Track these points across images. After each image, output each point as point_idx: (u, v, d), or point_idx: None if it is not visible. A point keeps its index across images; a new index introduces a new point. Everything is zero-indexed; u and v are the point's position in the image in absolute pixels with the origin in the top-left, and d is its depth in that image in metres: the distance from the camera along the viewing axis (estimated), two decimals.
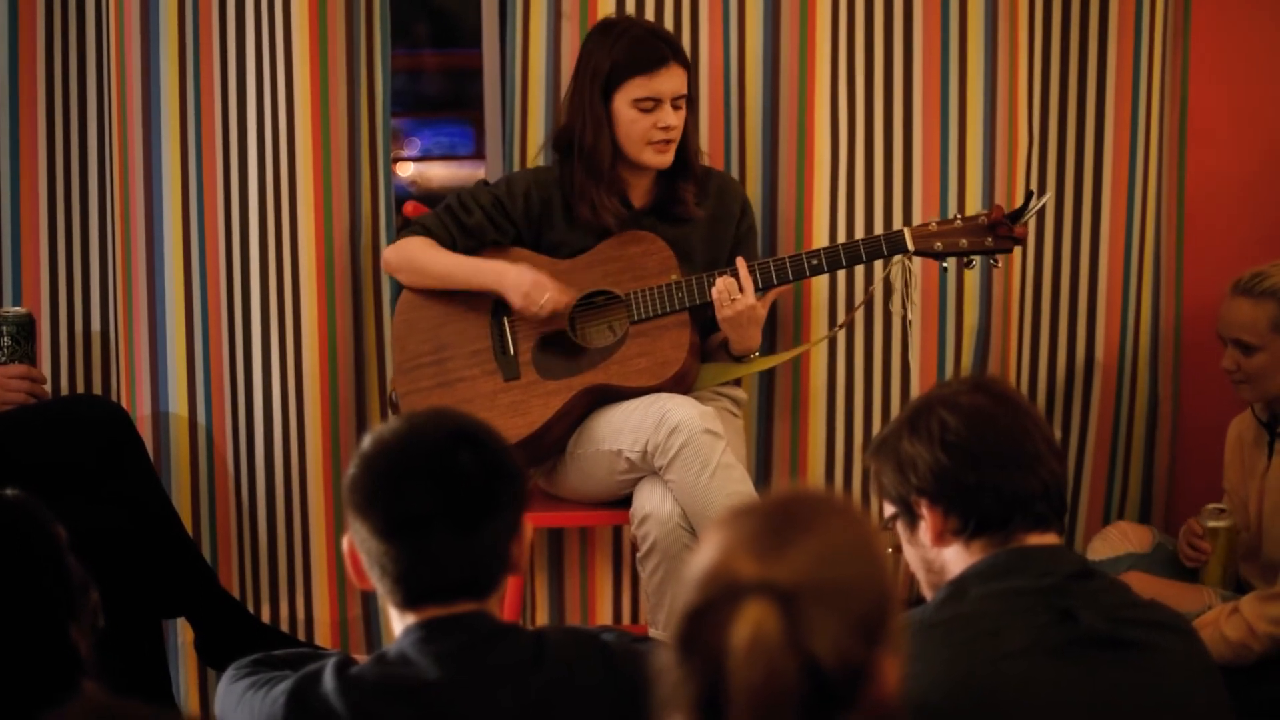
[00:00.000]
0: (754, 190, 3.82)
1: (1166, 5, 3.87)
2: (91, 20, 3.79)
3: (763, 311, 3.44)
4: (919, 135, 3.81)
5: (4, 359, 3.45)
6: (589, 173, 3.51)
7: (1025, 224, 3.46)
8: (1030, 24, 3.84)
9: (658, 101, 3.47)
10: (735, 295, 3.39)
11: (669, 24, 3.78)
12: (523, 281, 3.47)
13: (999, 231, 3.44)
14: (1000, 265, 3.54)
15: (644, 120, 3.48)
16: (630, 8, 3.77)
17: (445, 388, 3.53)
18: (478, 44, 4.07)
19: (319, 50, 3.72)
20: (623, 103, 3.49)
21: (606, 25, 3.58)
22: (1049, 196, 3.79)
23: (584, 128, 3.51)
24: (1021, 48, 3.83)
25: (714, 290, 3.40)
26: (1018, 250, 3.87)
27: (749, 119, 3.81)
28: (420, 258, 3.56)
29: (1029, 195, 3.49)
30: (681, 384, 3.47)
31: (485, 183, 3.64)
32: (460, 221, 3.56)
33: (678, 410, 3.32)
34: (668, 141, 3.49)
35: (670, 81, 3.48)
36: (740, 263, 3.41)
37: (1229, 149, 4.02)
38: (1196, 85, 3.97)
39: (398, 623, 1.99)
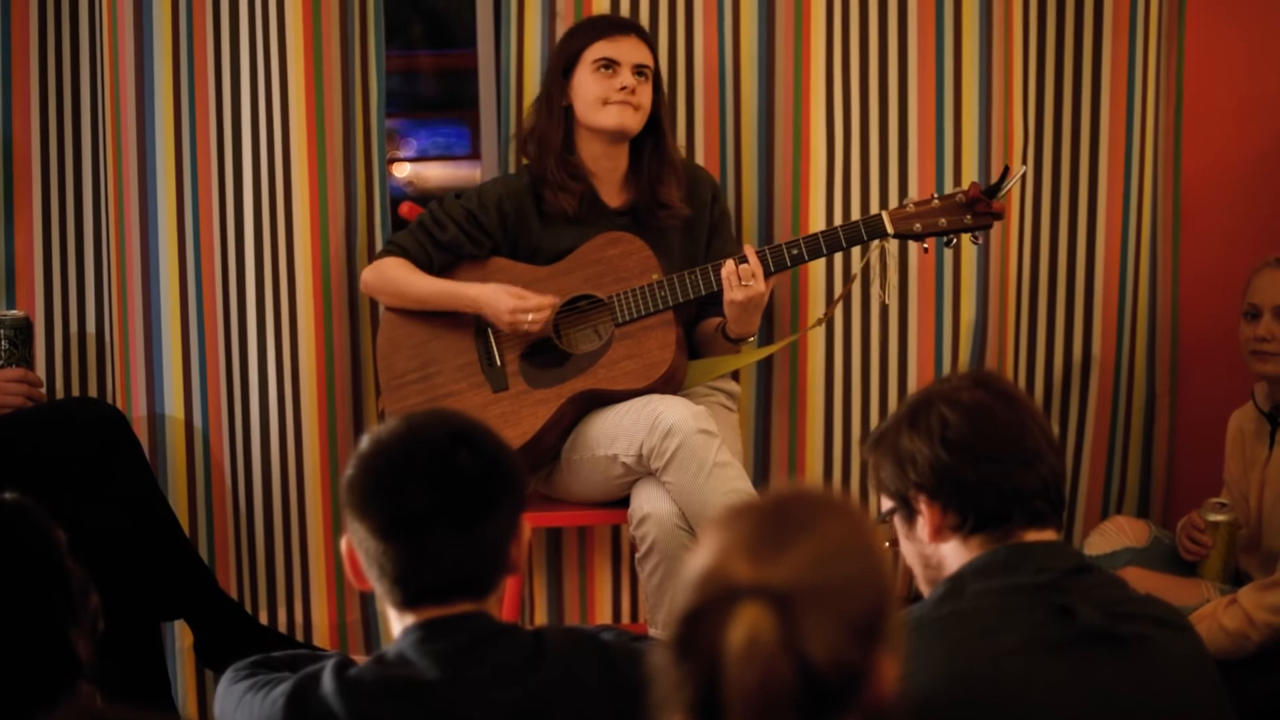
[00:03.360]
0: (749, 184, 3.82)
1: (1161, 1, 3.87)
2: (85, 21, 3.79)
3: (767, 297, 3.44)
4: (914, 129, 3.81)
5: (1, 362, 3.45)
6: (543, 153, 3.53)
7: (1003, 199, 3.44)
8: (1025, 17, 3.85)
9: (617, 64, 3.49)
10: (748, 281, 3.38)
11: (664, 19, 3.78)
12: (500, 302, 3.46)
13: (977, 209, 3.42)
14: (981, 242, 3.53)
15: (604, 81, 3.49)
16: (624, 6, 3.77)
17: (434, 404, 3.52)
18: (472, 44, 4.07)
19: (313, 51, 3.72)
20: (583, 71, 3.52)
21: (573, 26, 3.64)
22: (1025, 169, 3.79)
23: (541, 114, 3.55)
24: (1016, 41, 3.83)
25: (723, 272, 3.39)
26: (1014, 244, 3.88)
27: (744, 113, 3.81)
28: (398, 281, 3.56)
29: (1004, 171, 3.48)
30: (670, 383, 3.47)
31: (456, 195, 3.63)
32: (435, 238, 3.56)
33: (670, 412, 3.32)
34: (628, 103, 3.50)
35: (630, 49, 3.51)
36: (749, 249, 3.41)
37: (1225, 142, 4.02)
38: (1192, 78, 3.97)
39: (396, 623, 1.99)
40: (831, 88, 3.79)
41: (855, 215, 3.80)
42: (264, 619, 3.82)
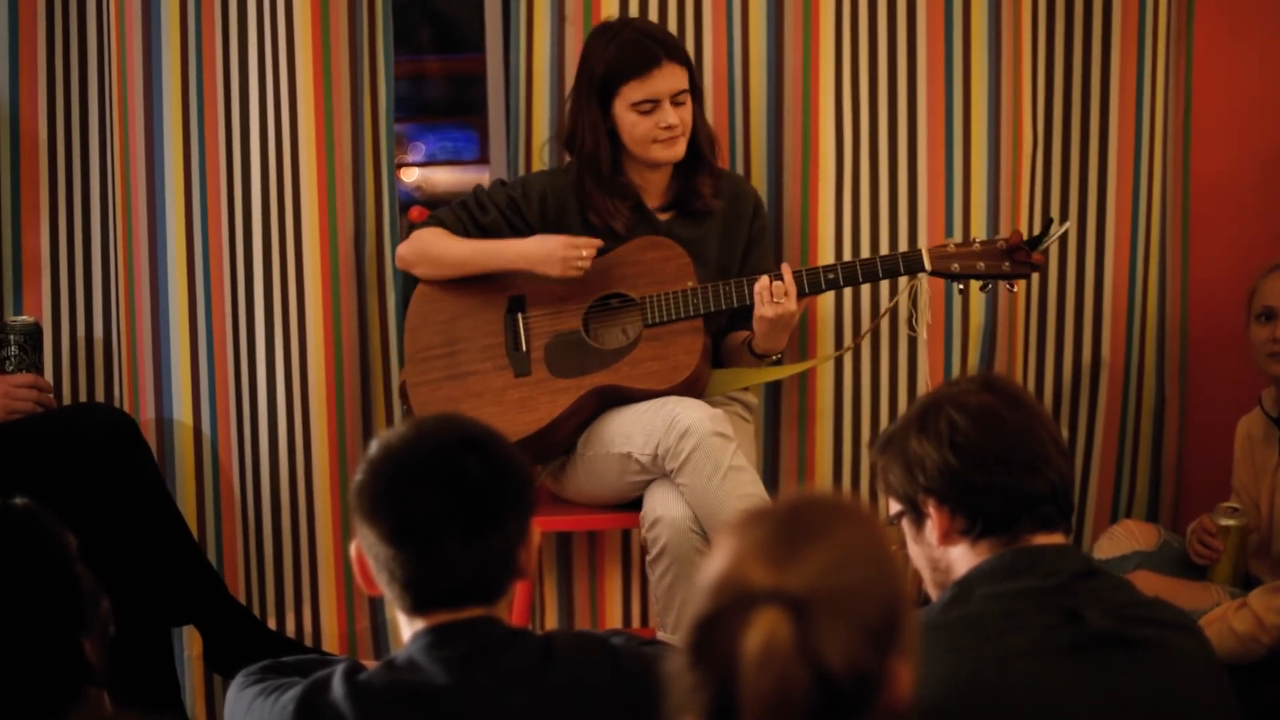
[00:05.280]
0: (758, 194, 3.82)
1: (1170, 5, 3.87)
2: (93, 22, 3.79)
3: (798, 317, 3.45)
4: (923, 138, 3.80)
5: (11, 368, 3.45)
6: (592, 177, 3.53)
7: (1044, 251, 3.45)
8: (1034, 24, 3.85)
9: (656, 102, 3.48)
10: (780, 298, 3.38)
11: (672, 29, 3.78)
12: (551, 250, 3.46)
13: (1016, 257, 3.42)
14: (1016, 291, 3.54)
15: (646, 122, 3.48)
16: (634, 10, 3.77)
17: (455, 380, 3.53)
18: (481, 49, 4.08)
19: (322, 56, 3.72)
20: (623, 108, 3.50)
21: (602, 29, 3.59)
22: (1070, 224, 3.79)
23: (583, 134, 3.53)
24: (1025, 48, 3.83)
25: (757, 286, 3.40)
26: None
27: (753, 124, 3.81)
28: (437, 247, 3.56)
29: (1048, 222, 3.48)
30: (692, 389, 3.47)
31: (501, 182, 3.65)
32: (475, 219, 3.57)
33: (688, 413, 3.32)
34: (672, 139, 3.50)
35: (666, 81, 3.48)
36: (786, 267, 3.42)
37: (1233, 148, 4.02)
38: (1200, 85, 3.97)
39: (406, 628, 1.99)
40: (840, 94, 3.79)
41: (865, 227, 3.80)
42: (272, 625, 3.82)
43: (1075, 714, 1.94)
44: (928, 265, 3.44)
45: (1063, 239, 3.91)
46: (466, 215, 3.58)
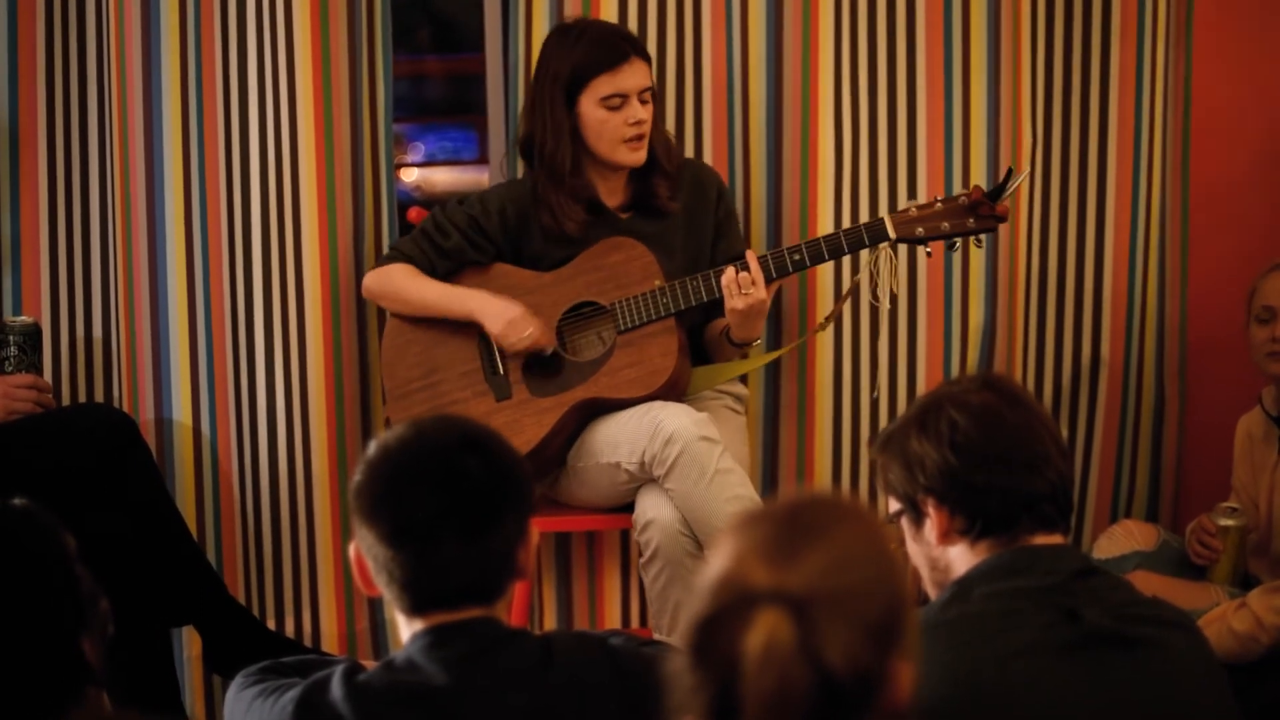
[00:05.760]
0: (758, 187, 3.82)
1: (1170, 5, 3.87)
2: (92, 22, 3.78)
3: (769, 303, 3.44)
4: (923, 132, 3.80)
5: (11, 368, 3.45)
6: (549, 178, 3.51)
7: (1006, 202, 3.43)
8: (1033, 21, 3.85)
9: (625, 97, 3.47)
10: (748, 289, 3.38)
11: (671, 21, 3.78)
12: (505, 314, 3.48)
13: (980, 211, 3.40)
14: (984, 245, 3.52)
15: (615, 118, 3.47)
16: (631, 10, 3.77)
17: (438, 412, 3.52)
18: (480, 49, 4.08)
19: (321, 56, 3.72)
20: (590, 104, 3.48)
21: (563, 29, 3.58)
22: (1027, 172, 3.78)
23: (544, 134, 3.51)
24: (1025, 45, 3.83)
25: (724, 280, 3.39)
26: (1022, 247, 3.87)
27: (752, 115, 3.81)
28: (403, 287, 3.56)
29: (1008, 173, 3.47)
30: (673, 390, 3.47)
31: (459, 201, 3.63)
32: (438, 245, 3.56)
33: (672, 419, 3.32)
34: (640, 137, 3.49)
35: (635, 76, 3.48)
36: (750, 255, 3.41)
37: (1233, 145, 4.02)
38: (1200, 81, 3.97)
39: (405, 629, 1.99)
40: (840, 91, 3.79)
41: (864, 219, 3.79)
42: (272, 626, 3.81)
43: (1074, 713, 1.94)
44: (892, 233, 3.42)
45: (1062, 238, 3.92)
46: (428, 243, 3.57)
